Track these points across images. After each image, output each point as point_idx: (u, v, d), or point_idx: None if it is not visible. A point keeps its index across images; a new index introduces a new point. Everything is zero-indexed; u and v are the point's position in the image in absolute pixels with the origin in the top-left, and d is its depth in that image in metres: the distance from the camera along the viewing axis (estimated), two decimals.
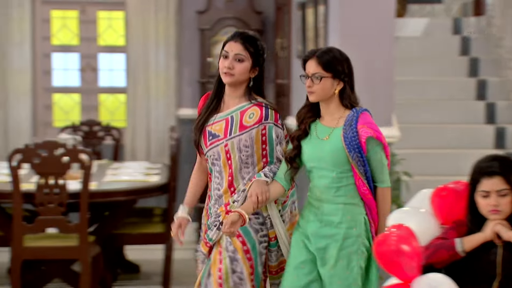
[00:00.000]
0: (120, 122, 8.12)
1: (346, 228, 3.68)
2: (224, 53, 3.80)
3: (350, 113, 3.70)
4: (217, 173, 3.85)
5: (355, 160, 3.66)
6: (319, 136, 3.74)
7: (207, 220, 3.88)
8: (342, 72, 3.69)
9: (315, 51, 3.72)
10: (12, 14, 7.70)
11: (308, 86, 3.69)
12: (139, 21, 7.84)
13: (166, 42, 7.86)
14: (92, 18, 8.14)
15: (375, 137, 3.66)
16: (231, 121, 3.81)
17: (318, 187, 3.74)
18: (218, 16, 7.86)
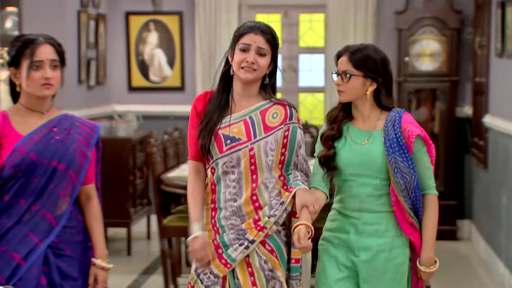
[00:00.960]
0: (318, 120, 8.17)
1: (392, 237, 3.28)
2: (244, 46, 3.25)
3: (391, 113, 3.30)
4: (232, 182, 3.26)
5: (392, 165, 3.22)
6: (356, 140, 3.31)
7: (218, 236, 3.27)
8: (375, 72, 3.25)
9: (348, 48, 3.31)
10: (221, 19, 7.95)
11: (336, 84, 3.30)
12: (338, 22, 7.86)
13: (364, 42, 7.80)
14: (294, 21, 8.24)
15: (423, 137, 3.26)
16: (251, 122, 3.29)
17: (359, 196, 3.29)
18: (416, 16, 7.75)
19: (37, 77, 3.13)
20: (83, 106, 7.28)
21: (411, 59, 7.78)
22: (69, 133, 3.20)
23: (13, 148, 3.11)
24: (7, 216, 3.13)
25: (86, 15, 7.32)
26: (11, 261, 3.09)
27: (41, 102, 3.20)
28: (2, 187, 3.14)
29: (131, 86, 8.23)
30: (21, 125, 3.17)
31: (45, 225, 3.14)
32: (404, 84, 7.76)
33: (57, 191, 3.16)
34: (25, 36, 3.19)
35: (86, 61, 7.39)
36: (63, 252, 3.19)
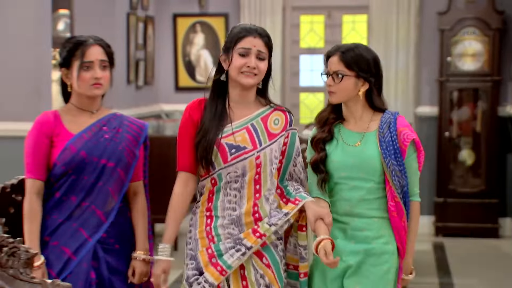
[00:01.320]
0: None
1: (382, 243, 3.09)
2: (243, 50, 3.05)
3: (386, 115, 3.13)
4: (233, 191, 3.07)
5: (390, 168, 3.05)
6: (347, 142, 3.13)
7: (213, 245, 3.06)
8: (367, 72, 3.08)
9: (339, 48, 3.13)
10: (266, 20, 7.99)
11: (328, 85, 3.12)
12: (381, 23, 7.86)
13: (406, 43, 7.81)
14: (337, 22, 8.24)
15: (416, 142, 3.11)
16: (254, 130, 3.09)
17: (349, 200, 3.11)
18: (459, 16, 7.70)
19: (87, 77, 3.18)
20: (132, 105, 7.37)
21: (453, 59, 7.74)
22: (118, 132, 3.24)
23: (64, 146, 3.17)
24: (58, 212, 3.19)
25: (135, 17, 7.42)
26: (62, 255, 3.15)
27: (91, 102, 3.25)
28: (53, 184, 3.20)
29: (178, 86, 8.31)
30: (72, 124, 3.22)
31: (94, 221, 3.19)
32: (446, 83, 7.73)
33: (106, 188, 3.21)
34: (76, 38, 3.25)
35: (134, 62, 7.49)
36: (112, 247, 3.24)
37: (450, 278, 6.33)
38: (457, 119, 7.82)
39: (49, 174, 3.19)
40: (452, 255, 7.07)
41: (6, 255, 2.23)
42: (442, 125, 7.75)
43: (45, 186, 3.20)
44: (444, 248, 7.33)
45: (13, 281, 2.22)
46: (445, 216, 7.77)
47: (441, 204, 7.77)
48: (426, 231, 7.85)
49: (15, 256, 2.24)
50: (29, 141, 3.20)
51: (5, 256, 2.23)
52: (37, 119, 3.23)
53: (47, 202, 3.21)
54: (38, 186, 3.18)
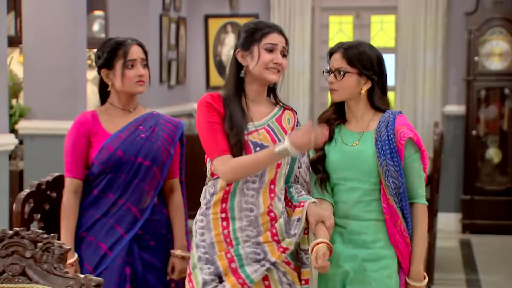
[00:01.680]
0: None
1: (380, 248, 2.95)
2: (271, 46, 2.94)
3: (385, 115, 2.98)
4: (251, 191, 2.94)
5: (383, 168, 2.90)
6: (346, 142, 3.01)
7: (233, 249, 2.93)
8: (369, 69, 2.96)
9: (342, 45, 3.01)
10: (295, 20, 7.99)
11: (330, 82, 2.99)
12: (409, 24, 7.82)
13: (434, 43, 7.77)
14: (365, 22, 8.22)
15: (415, 141, 2.94)
16: (271, 130, 2.99)
17: (346, 202, 2.98)
18: (486, 16, 7.64)
19: (131, 75, 3.21)
20: (164, 104, 7.42)
21: (481, 59, 7.68)
22: (154, 131, 3.26)
23: (101, 146, 3.20)
24: (96, 209, 3.22)
25: (167, 18, 7.46)
26: (98, 250, 3.18)
27: (131, 100, 3.28)
28: (92, 182, 3.23)
29: (209, 85, 8.34)
30: (109, 123, 3.25)
31: (130, 218, 3.22)
32: (473, 83, 7.68)
33: (142, 186, 3.23)
34: (115, 39, 3.27)
35: (167, 62, 7.53)
36: (147, 243, 3.26)
37: (477, 275, 6.29)
38: (484, 117, 7.76)
39: (88, 172, 3.23)
40: (478, 252, 7.02)
41: (41, 250, 2.26)
42: (469, 124, 7.70)
43: (84, 183, 3.24)
44: (471, 245, 7.28)
45: (47, 276, 2.25)
46: (472, 214, 7.72)
47: (468, 202, 7.73)
48: (453, 228, 7.82)
49: (49, 251, 2.26)
50: (68, 141, 3.24)
51: (40, 251, 2.26)
52: (76, 120, 3.27)
53: (84, 199, 3.25)
54: (76, 184, 3.22)
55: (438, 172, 6.04)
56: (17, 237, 2.27)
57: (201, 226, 2.99)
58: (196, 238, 3.00)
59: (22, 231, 2.28)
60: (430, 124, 7.71)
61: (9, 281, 2.25)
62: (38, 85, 5.55)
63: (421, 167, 2.99)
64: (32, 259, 2.26)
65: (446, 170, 7.77)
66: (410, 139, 2.92)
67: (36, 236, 2.27)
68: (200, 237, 2.98)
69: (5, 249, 2.26)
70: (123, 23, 6.82)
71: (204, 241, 2.96)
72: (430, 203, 5.86)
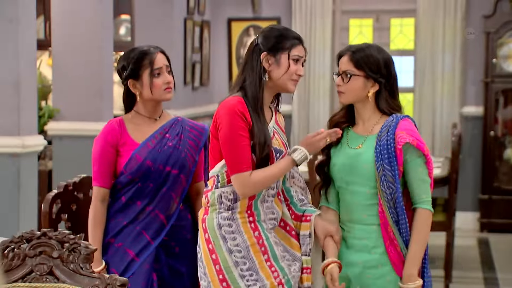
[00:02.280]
0: None
1: (381, 253, 2.88)
2: (298, 57, 2.94)
3: (390, 119, 2.90)
4: (271, 197, 2.98)
5: (380, 173, 2.83)
6: (350, 145, 2.95)
7: (276, 265, 2.93)
8: (377, 72, 2.88)
9: (350, 47, 2.95)
10: (316, 24, 7.96)
11: (337, 84, 2.94)
12: (428, 26, 7.75)
13: (453, 45, 7.70)
14: (385, 25, 8.17)
15: (415, 146, 2.83)
16: (277, 132, 3.00)
17: (349, 205, 2.93)
18: (504, 19, 7.57)
19: (159, 83, 3.16)
20: (188, 105, 7.41)
21: (499, 61, 7.61)
22: (180, 138, 3.21)
23: (130, 156, 3.15)
24: (124, 215, 3.17)
25: (191, 22, 7.45)
26: (126, 256, 3.14)
27: (158, 108, 3.23)
28: (120, 190, 3.19)
29: None
30: (136, 132, 3.20)
31: (157, 225, 3.17)
32: (491, 84, 7.61)
33: (169, 193, 3.18)
34: (138, 49, 3.21)
35: (191, 64, 7.53)
36: (173, 250, 3.20)
37: (495, 273, 6.24)
38: (502, 118, 7.69)
39: (116, 180, 3.19)
40: (496, 250, 6.96)
41: (67, 250, 2.25)
42: (487, 125, 7.63)
43: (112, 190, 3.20)
44: (489, 244, 7.22)
45: (73, 276, 2.24)
46: (490, 213, 7.65)
47: (486, 201, 7.66)
48: (471, 227, 7.75)
49: (75, 251, 2.26)
50: (96, 150, 3.20)
51: (66, 251, 2.25)
52: (104, 129, 3.22)
53: (112, 205, 3.20)
54: (103, 193, 3.17)
55: (456, 172, 5.98)
56: (44, 238, 2.27)
57: (231, 231, 2.93)
58: (227, 243, 2.92)
59: (50, 231, 2.28)
60: (448, 125, 7.64)
61: (37, 280, 2.25)
62: (67, 87, 5.56)
63: (424, 172, 2.88)
64: (59, 259, 2.26)
65: (464, 170, 7.71)
66: (408, 144, 2.83)
67: (63, 236, 2.27)
68: (232, 241, 2.92)
69: (33, 249, 2.26)
70: (148, 27, 6.82)
71: (238, 245, 2.92)
72: (448, 202, 5.86)
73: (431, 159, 2.91)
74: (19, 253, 2.26)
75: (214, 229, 2.93)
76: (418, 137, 2.88)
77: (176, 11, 7.08)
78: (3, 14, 4.44)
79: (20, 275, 2.24)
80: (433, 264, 6.45)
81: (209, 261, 2.93)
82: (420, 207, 2.88)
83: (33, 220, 4.49)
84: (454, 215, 5.96)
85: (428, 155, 2.88)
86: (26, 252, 2.26)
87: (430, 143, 7.77)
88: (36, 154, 4.73)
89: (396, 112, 2.94)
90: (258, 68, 2.93)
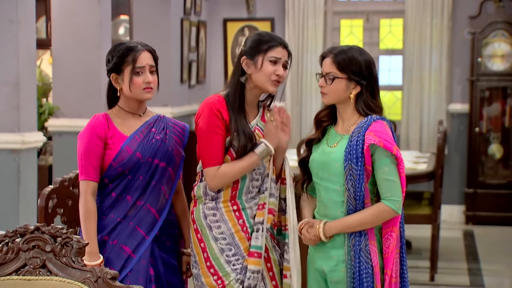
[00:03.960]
0: (396, 116, 8.07)
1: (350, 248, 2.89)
2: (275, 59, 2.97)
3: (364, 120, 2.89)
4: (255, 188, 3.05)
5: (347, 172, 2.84)
6: (329, 143, 2.97)
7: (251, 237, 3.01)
8: (359, 75, 2.88)
9: (333, 49, 2.93)
10: (308, 24, 7.93)
11: (320, 85, 2.93)
12: (416, 27, 7.74)
13: (439, 44, 7.69)
14: (375, 26, 8.15)
15: (382, 146, 2.82)
16: (260, 129, 3.06)
17: (323, 201, 2.95)
18: (489, 20, 7.58)
19: (139, 82, 3.04)
20: (185, 103, 7.39)
21: (484, 60, 7.61)
22: (166, 133, 3.13)
23: (120, 148, 3.04)
24: (115, 211, 3.06)
25: (188, 22, 7.43)
26: (122, 253, 3.03)
27: (140, 105, 3.12)
28: (108, 185, 3.07)
29: None
30: (122, 126, 3.09)
31: (149, 219, 3.07)
32: (476, 83, 7.61)
33: (159, 187, 3.09)
34: (125, 44, 3.10)
35: (188, 63, 7.51)
36: (164, 244, 3.13)
37: (479, 264, 6.23)
38: (487, 115, 7.69)
39: (104, 174, 3.07)
40: (481, 242, 6.96)
41: (60, 244, 2.24)
42: (473, 121, 7.64)
43: (100, 187, 3.09)
44: (474, 236, 7.22)
45: (66, 269, 2.23)
46: (475, 206, 7.66)
47: (472, 195, 7.66)
48: (456, 219, 7.76)
49: (68, 245, 2.24)
50: (82, 143, 3.06)
51: (59, 245, 2.23)
52: (90, 123, 3.10)
53: (103, 202, 3.09)
54: (93, 187, 3.04)
55: (442, 168, 5.97)
56: (38, 232, 2.25)
57: (215, 220, 3.00)
58: (213, 231, 2.99)
59: (43, 226, 2.26)
60: (435, 122, 7.64)
61: (30, 273, 2.23)
62: (66, 85, 5.54)
63: (391, 171, 2.85)
64: (52, 253, 2.24)
65: (451, 165, 7.71)
66: (374, 145, 2.83)
67: (56, 231, 2.25)
68: (217, 230, 2.99)
69: (27, 243, 2.24)
70: (146, 27, 6.80)
71: (222, 233, 2.99)
72: (434, 196, 5.85)
73: (402, 160, 2.89)
74: (13, 247, 2.24)
75: (201, 219, 3.02)
76: (387, 138, 2.86)
77: (173, 12, 7.05)
78: (3, 14, 4.42)
79: (14, 269, 2.23)
80: (419, 256, 6.46)
81: (199, 249, 3.01)
82: (382, 201, 2.88)
83: (32, 215, 4.47)
84: (439, 208, 5.95)
85: (398, 156, 2.86)
86: (19, 246, 2.24)
87: (417, 139, 7.76)
88: (36, 150, 4.70)
89: (374, 113, 2.92)
90: (238, 71, 3.02)
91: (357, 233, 2.89)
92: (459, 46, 7.77)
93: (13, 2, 4.40)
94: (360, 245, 2.89)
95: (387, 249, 2.91)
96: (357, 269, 2.88)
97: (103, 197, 3.10)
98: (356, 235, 2.90)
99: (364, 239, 2.89)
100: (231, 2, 8.21)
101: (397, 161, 2.87)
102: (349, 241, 2.90)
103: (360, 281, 2.87)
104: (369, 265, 2.88)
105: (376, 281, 2.88)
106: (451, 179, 7.68)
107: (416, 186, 6.47)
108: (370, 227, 2.88)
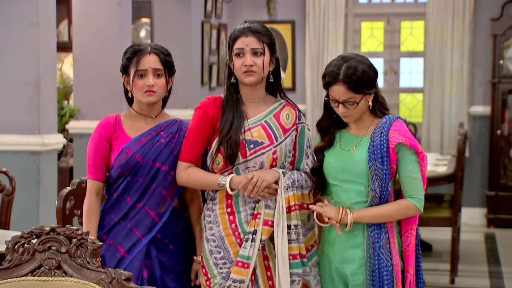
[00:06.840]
0: (417, 118, 8.02)
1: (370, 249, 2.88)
2: (238, 51, 2.90)
3: (382, 120, 2.92)
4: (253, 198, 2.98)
5: (372, 172, 2.85)
6: (344, 146, 2.95)
7: None
8: (372, 85, 2.89)
9: (337, 74, 2.85)
10: (329, 27, 7.91)
11: (341, 112, 2.89)
12: (437, 29, 7.68)
13: (461, 47, 7.63)
14: (396, 28, 8.10)
15: (409, 145, 2.85)
16: (268, 126, 2.96)
17: (344, 202, 2.91)
18: (511, 22, 7.49)
19: (140, 85, 3.01)
20: None
21: (505, 62, 7.54)
22: (174, 137, 3.08)
23: (121, 149, 3.04)
24: (115, 212, 3.06)
25: (209, 25, 7.43)
26: (116, 253, 3.02)
27: (149, 108, 3.09)
28: (111, 185, 3.08)
29: None
30: (131, 128, 3.08)
31: (148, 221, 3.04)
32: (498, 85, 7.54)
33: (160, 190, 3.05)
34: (135, 46, 3.09)
35: (208, 66, 7.51)
36: (166, 247, 3.08)
37: (499, 267, 6.17)
38: (508, 117, 7.61)
39: (108, 174, 3.09)
40: (502, 245, 6.89)
41: (75, 245, 2.24)
42: (494, 124, 7.57)
43: (106, 186, 3.10)
44: (495, 239, 7.15)
45: (80, 270, 2.23)
46: (497, 209, 7.59)
47: (493, 197, 7.59)
48: (478, 222, 7.69)
49: (83, 247, 2.24)
50: (91, 144, 3.10)
51: (74, 246, 2.24)
52: (99, 123, 3.11)
53: (105, 202, 3.11)
54: (98, 186, 3.06)
55: (462, 170, 5.92)
56: (53, 233, 2.25)
57: (209, 221, 2.99)
58: (206, 232, 2.99)
59: (58, 227, 2.26)
60: (456, 124, 7.58)
61: (46, 274, 2.24)
62: (87, 88, 5.57)
63: (415, 170, 2.88)
64: (67, 254, 2.24)
65: (472, 168, 7.65)
66: (400, 144, 2.85)
67: (71, 232, 2.25)
68: (209, 231, 2.98)
69: (42, 244, 2.25)
70: (167, 30, 6.81)
71: (213, 235, 2.97)
72: (454, 199, 5.79)
73: (425, 158, 2.91)
74: (28, 248, 2.25)
75: (202, 219, 3.06)
76: (411, 137, 2.90)
77: (194, 15, 7.06)
78: (24, 17, 4.45)
79: (30, 269, 2.23)
80: (439, 258, 6.41)
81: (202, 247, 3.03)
82: (407, 199, 2.89)
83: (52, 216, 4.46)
84: (459, 211, 5.90)
85: (422, 154, 2.90)
86: (35, 247, 2.24)
87: (438, 142, 7.70)
88: (56, 152, 4.73)
89: (387, 110, 2.97)
90: (229, 72, 3.01)
91: (377, 230, 2.89)
92: (480, 48, 7.70)
93: (33, 5, 4.44)
94: (379, 242, 2.89)
95: (407, 247, 2.93)
96: (377, 267, 2.87)
97: (108, 197, 3.12)
98: (376, 232, 2.89)
99: (384, 237, 2.89)
100: (252, 4, 8.20)
101: (419, 159, 2.89)
102: (368, 239, 2.90)
103: (380, 279, 2.86)
104: (389, 263, 2.88)
105: (396, 279, 2.88)
106: (472, 181, 7.62)
107: (437, 189, 6.41)
108: (391, 220, 2.90)
